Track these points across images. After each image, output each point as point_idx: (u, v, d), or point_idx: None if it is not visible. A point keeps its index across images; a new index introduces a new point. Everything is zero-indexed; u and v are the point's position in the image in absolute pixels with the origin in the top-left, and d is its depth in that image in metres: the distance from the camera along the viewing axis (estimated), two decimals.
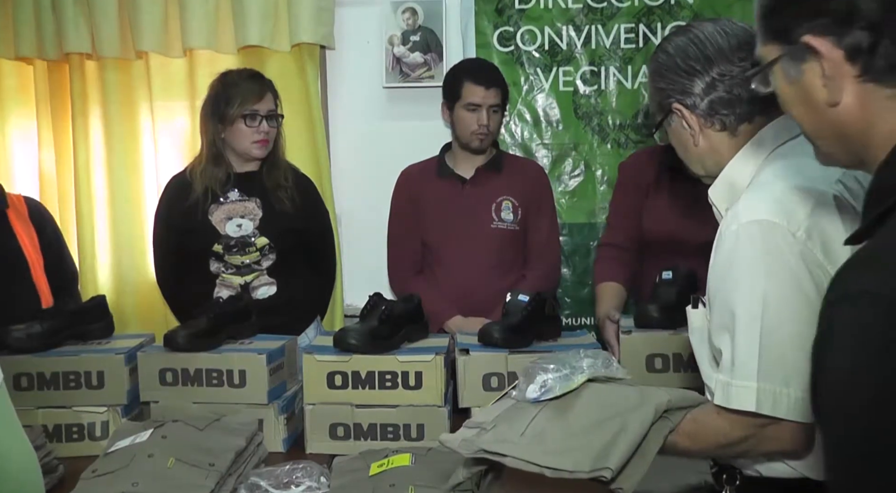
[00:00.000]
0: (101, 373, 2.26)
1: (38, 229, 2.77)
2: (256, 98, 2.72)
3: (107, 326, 2.54)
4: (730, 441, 1.45)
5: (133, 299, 3.54)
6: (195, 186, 2.77)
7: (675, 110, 1.55)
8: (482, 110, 2.86)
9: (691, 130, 1.55)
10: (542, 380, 1.50)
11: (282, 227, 2.77)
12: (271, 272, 2.79)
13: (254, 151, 2.74)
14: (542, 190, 3.01)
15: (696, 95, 1.52)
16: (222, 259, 2.77)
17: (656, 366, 2.22)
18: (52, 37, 3.42)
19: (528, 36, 3.47)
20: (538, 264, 2.92)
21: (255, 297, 2.77)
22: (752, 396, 1.39)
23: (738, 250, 1.40)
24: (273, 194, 2.77)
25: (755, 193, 1.45)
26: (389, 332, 2.33)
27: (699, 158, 1.58)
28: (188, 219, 2.78)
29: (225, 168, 2.77)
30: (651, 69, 1.60)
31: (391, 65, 3.46)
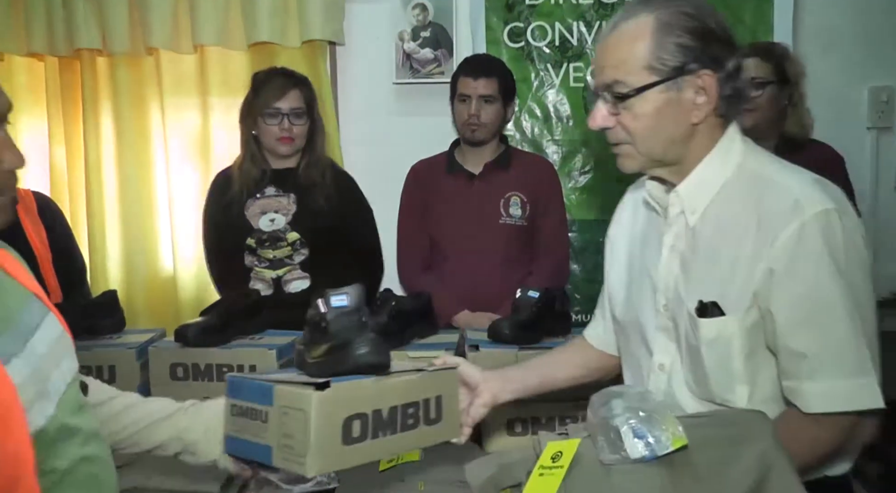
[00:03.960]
0: (112, 367, 2.27)
1: (47, 225, 2.78)
2: (278, 96, 2.74)
3: (118, 321, 2.55)
4: (828, 449, 1.42)
5: (143, 295, 3.55)
6: (235, 181, 2.82)
7: (700, 77, 1.42)
8: (472, 100, 2.88)
9: (700, 106, 1.44)
10: (641, 432, 1.28)
11: (314, 223, 2.79)
12: (305, 267, 2.81)
13: (279, 148, 2.77)
14: (550, 186, 3.01)
15: (727, 71, 1.44)
16: (255, 253, 2.80)
17: None
18: (63, 33, 3.42)
19: (538, 32, 3.46)
20: (546, 259, 2.92)
21: (287, 291, 2.80)
22: (866, 392, 1.37)
23: (812, 244, 1.36)
24: (308, 191, 2.78)
25: (796, 183, 1.42)
26: (399, 328, 2.34)
27: (672, 139, 1.46)
28: (226, 213, 2.84)
29: (261, 165, 2.81)
30: (673, 22, 1.41)
31: (401, 61, 3.46)
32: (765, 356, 1.45)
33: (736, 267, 1.43)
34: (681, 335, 1.52)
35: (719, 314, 1.44)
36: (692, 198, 1.50)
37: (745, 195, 1.46)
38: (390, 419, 1.45)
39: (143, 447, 1.56)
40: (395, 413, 1.45)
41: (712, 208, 1.49)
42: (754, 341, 1.44)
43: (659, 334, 1.57)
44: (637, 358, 1.65)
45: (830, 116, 3.10)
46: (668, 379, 1.56)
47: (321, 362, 1.42)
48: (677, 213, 1.53)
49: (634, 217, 1.71)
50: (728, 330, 1.43)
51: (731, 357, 1.44)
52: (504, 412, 2.15)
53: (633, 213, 1.71)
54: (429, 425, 1.52)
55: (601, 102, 1.48)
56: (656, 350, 1.58)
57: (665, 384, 1.56)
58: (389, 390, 1.45)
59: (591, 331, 1.88)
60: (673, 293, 1.53)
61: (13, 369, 1.13)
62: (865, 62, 3.43)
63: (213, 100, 3.52)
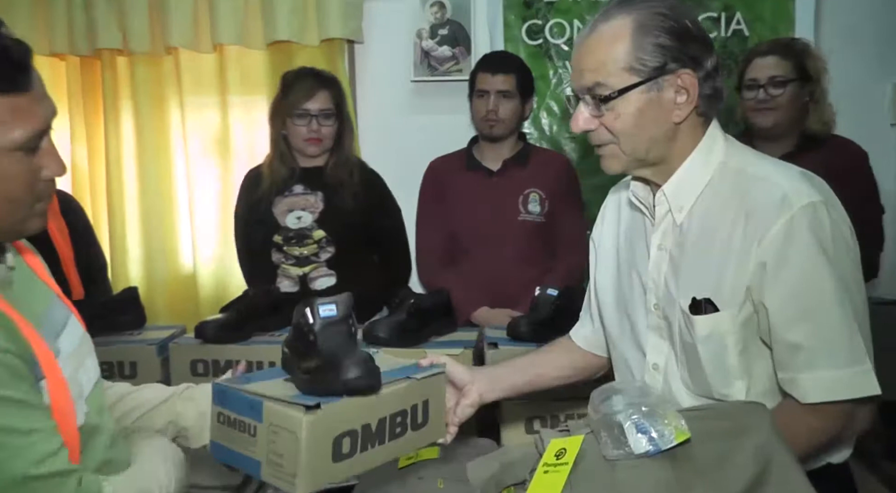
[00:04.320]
0: (133, 363, 2.29)
1: (68, 222, 2.81)
2: (307, 97, 2.75)
3: (138, 317, 2.57)
4: (826, 437, 1.43)
5: (163, 291, 3.57)
6: (264, 179, 2.84)
7: (679, 77, 1.43)
8: (489, 96, 2.89)
9: (681, 105, 1.45)
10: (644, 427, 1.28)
11: (341, 221, 2.80)
12: (331, 264, 2.82)
13: (307, 149, 2.78)
14: (569, 183, 3.00)
15: (706, 70, 1.45)
16: (282, 250, 2.82)
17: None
18: (84, 33, 3.45)
19: (556, 29, 3.45)
20: (566, 257, 2.91)
21: (313, 288, 2.81)
22: (863, 380, 1.38)
23: (801, 236, 1.37)
24: (336, 190, 2.80)
25: (782, 178, 1.43)
26: (418, 325, 2.34)
27: (656, 139, 1.47)
28: (255, 211, 2.86)
29: (289, 163, 2.82)
30: (650, 23, 1.42)
31: (419, 59, 3.46)
32: (759, 350, 1.47)
33: (727, 263, 1.44)
34: (674, 334, 1.53)
35: (713, 311, 1.45)
36: (678, 196, 1.51)
37: (730, 192, 1.47)
38: (379, 430, 1.44)
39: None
40: (383, 424, 1.45)
41: (698, 206, 1.50)
42: (748, 336, 1.45)
43: (651, 334, 1.58)
44: (628, 359, 1.66)
45: (853, 112, 3.06)
46: (663, 379, 1.56)
47: (310, 379, 1.40)
48: (664, 212, 1.53)
49: (618, 218, 1.71)
50: (723, 326, 1.44)
51: (726, 353, 1.45)
52: (523, 409, 2.15)
53: (617, 214, 1.72)
54: (416, 430, 1.52)
55: (583, 104, 1.48)
56: (649, 350, 1.59)
57: (661, 384, 1.56)
58: (379, 403, 1.44)
59: (577, 332, 1.88)
60: (664, 292, 1.54)
61: (61, 363, 1.21)
62: (889, 57, 3.40)
63: (232, 98, 3.54)
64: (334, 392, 1.38)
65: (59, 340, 1.29)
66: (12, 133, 1.14)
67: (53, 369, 1.21)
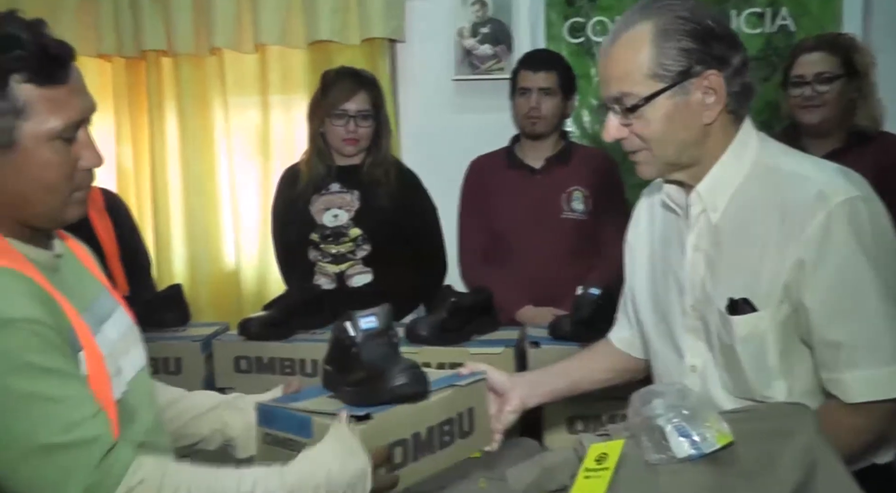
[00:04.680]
0: (178, 360, 2.32)
1: (113, 220, 2.85)
2: (346, 97, 2.76)
3: (183, 314, 2.60)
4: (871, 437, 1.42)
5: (207, 289, 3.61)
6: (301, 177, 2.86)
7: (706, 78, 1.41)
8: (531, 93, 2.88)
9: (710, 106, 1.43)
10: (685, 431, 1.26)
11: (377, 220, 2.80)
12: (367, 262, 2.82)
13: (344, 149, 2.80)
14: (612, 180, 2.98)
15: (733, 68, 1.43)
16: (319, 248, 2.83)
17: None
18: (130, 35, 3.50)
19: (598, 27, 3.43)
20: (609, 255, 2.87)
21: (350, 285, 2.82)
22: None
23: (839, 232, 1.36)
24: (372, 189, 2.81)
25: (818, 174, 1.42)
26: (459, 324, 2.34)
27: (687, 142, 1.45)
28: (292, 208, 2.88)
29: (327, 161, 2.84)
30: (671, 27, 1.40)
31: (460, 57, 3.45)
32: (800, 349, 1.45)
33: (764, 262, 1.42)
34: (712, 335, 1.51)
35: (751, 311, 1.43)
36: (713, 196, 1.49)
37: (765, 189, 1.45)
38: (429, 439, 1.45)
39: (187, 441, 1.59)
40: (432, 433, 1.45)
41: (733, 205, 1.48)
42: (788, 335, 1.43)
43: (688, 336, 1.56)
44: (665, 361, 1.64)
45: None
46: (701, 381, 1.55)
47: (356, 391, 1.41)
48: (699, 212, 1.52)
49: (652, 220, 1.70)
50: (761, 326, 1.43)
51: (766, 353, 1.44)
52: (565, 409, 2.13)
53: (650, 216, 1.71)
54: (463, 438, 1.52)
55: (612, 113, 1.48)
56: (686, 352, 1.57)
57: (700, 386, 1.54)
58: (427, 411, 1.44)
59: (615, 334, 1.86)
60: (700, 293, 1.52)
61: (99, 341, 1.27)
62: None
63: (273, 98, 3.56)
64: (382, 401, 1.38)
65: (105, 326, 1.36)
66: (49, 122, 1.22)
67: (90, 343, 1.26)
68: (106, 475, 1.15)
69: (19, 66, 1.20)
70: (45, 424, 1.14)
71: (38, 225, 1.30)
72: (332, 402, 1.44)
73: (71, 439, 1.15)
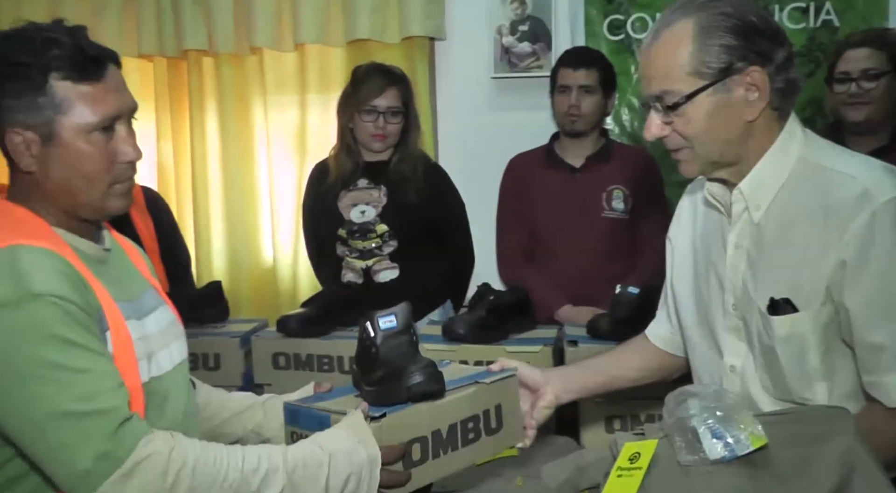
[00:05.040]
0: (217, 355, 2.34)
1: (154, 218, 2.88)
2: (376, 93, 2.76)
3: (222, 310, 2.63)
4: None
5: (246, 285, 3.64)
6: (330, 172, 2.88)
7: (748, 75, 1.39)
8: (571, 91, 2.87)
9: (752, 103, 1.41)
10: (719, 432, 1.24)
11: (403, 216, 2.81)
12: (393, 258, 2.83)
13: (372, 144, 2.80)
14: (652, 179, 2.96)
15: (776, 64, 1.40)
16: (346, 244, 2.84)
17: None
18: (172, 35, 3.55)
19: (638, 23, 3.40)
20: (648, 254, 2.85)
21: (376, 280, 2.83)
22: None
23: (884, 232, 1.33)
24: (399, 185, 2.82)
25: (863, 172, 1.39)
26: (497, 322, 2.33)
27: (729, 140, 1.43)
28: (321, 203, 2.90)
29: (355, 157, 2.85)
30: (713, 24, 1.38)
31: (499, 55, 3.45)
32: (841, 351, 1.42)
33: (806, 261, 1.40)
34: (752, 335, 1.49)
35: (792, 311, 1.41)
36: (756, 194, 1.47)
37: (809, 188, 1.43)
38: (450, 436, 1.45)
39: (224, 441, 1.60)
40: (454, 430, 1.46)
41: (776, 203, 1.46)
42: (830, 337, 1.41)
43: (728, 335, 1.55)
44: (705, 361, 1.62)
45: None
46: (741, 381, 1.53)
47: (375, 390, 1.42)
48: (741, 210, 1.50)
49: (694, 217, 1.68)
50: (802, 327, 1.41)
51: (807, 354, 1.42)
52: (602, 408, 2.12)
53: (693, 213, 1.69)
54: (490, 435, 1.52)
55: (653, 112, 1.46)
56: (726, 352, 1.55)
57: (739, 386, 1.52)
58: (447, 409, 1.45)
59: (654, 331, 1.84)
60: (741, 292, 1.50)
61: (129, 326, 1.35)
62: None
63: (311, 97, 3.58)
64: (400, 400, 1.40)
65: (146, 319, 1.44)
66: (85, 116, 1.32)
67: (119, 324, 1.33)
68: (118, 445, 1.20)
69: (57, 65, 1.31)
70: (65, 392, 1.20)
71: (83, 215, 1.39)
72: (356, 401, 1.46)
73: (89, 408, 1.20)
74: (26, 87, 1.30)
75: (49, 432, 1.19)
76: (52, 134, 1.32)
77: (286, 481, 1.28)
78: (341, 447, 1.32)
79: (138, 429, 1.23)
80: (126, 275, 1.48)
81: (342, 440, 1.33)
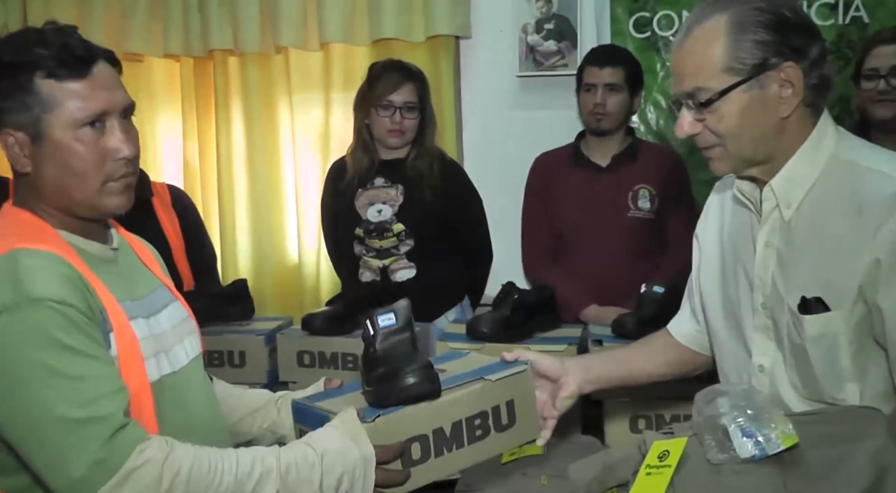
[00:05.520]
0: (242, 353, 2.35)
1: (180, 216, 2.90)
2: (391, 89, 2.77)
3: (247, 308, 2.64)
4: None
5: (271, 283, 3.66)
6: (348, 169, 2.88)
7: (783, 70, 1.37)
8: (597, 89, 2.85)
9: (786, 99, 1.39)
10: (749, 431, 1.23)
11: (420, 214, 2.81)
12: (410, 257, 2.83)
13: (389, 140, 2.80)
14: (679, 178, 2.94)
15: (810, 60, 1.38)
16: (363, 243, 2.85)
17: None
18: (198, 35, 3.57)
19: (664, 21, 3.37)
20: (674, 253, 2.84)
21: (393, 280, 2.83)
22: None
23: None
24: (415, 183, 2.82)
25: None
26: (522, 321, 2.33)
27: (762, 137, 1.41)
28: (339, 202, 2.91)
29: (371, 155, 2.85)
30: (747, 19, 1.37)
31: (524, 53, 3.44)
32: (874, 351, 1.40)
33: (837, 260, 1.38)
34: (782, 334, 1.47)
35: (824, 310, 1.39)
36: (787, 192, 1.45)
37: (841, 186, 1.40)
38: (455, 434, 1.43)
39: (240, 439, 1.63)
40: (459, 428, 1.44)
41: (808, 201, 1.44)
42: (862, 336, 1.39)
43: (757, 334, 1.53)
44: (734, 359, 1.61)
45: None
46: (769, 381, 1.51)
47: (374, 391, 1.41)
48: (771, 208, 1.48)
49: (722, 215, 1.66)
50: (834, 326, 1.39)
51: (838, 354, 1.39)
52: (627, 408, 2.10)
53: (721, 211, 1.67)
54: (501, 431, 1.50)
55: (685, 109, 1.45)
56: (755, 351, 1.53)
57: (768, 386, 1.51)
58: (448, 407, 1.43)
59: (677, 327, 1.83)
60: (771, 291, 1.48)
61: (135, 325, 1.36)
62: None
63: (335, 95, 3.59)
64: (394, 401, 1.39)
65: (157, 316, 1.45)
66: (71, 112, 1.32)
67: (122, 325, 1.33)
68: (113, 452, 1.20)
69: (42, 64, 1.31)
70: (63, 397, 1.20)
71: (81, 215, 1.39)
72: (359, 400, 1.45)
73: (84, 414, 1.20)
74: (13, 87, 1.31)
75: (45, 438, 1.20)
76: (40, 133, 1.32)
77: (280, 484, 1.28)
78: (332, 447, 1.31)
79: (134, 436, 1.23)
80: (135, 274, 1.49)
81: (334, 440, 1.33)
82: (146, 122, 3.73)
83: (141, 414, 1.30)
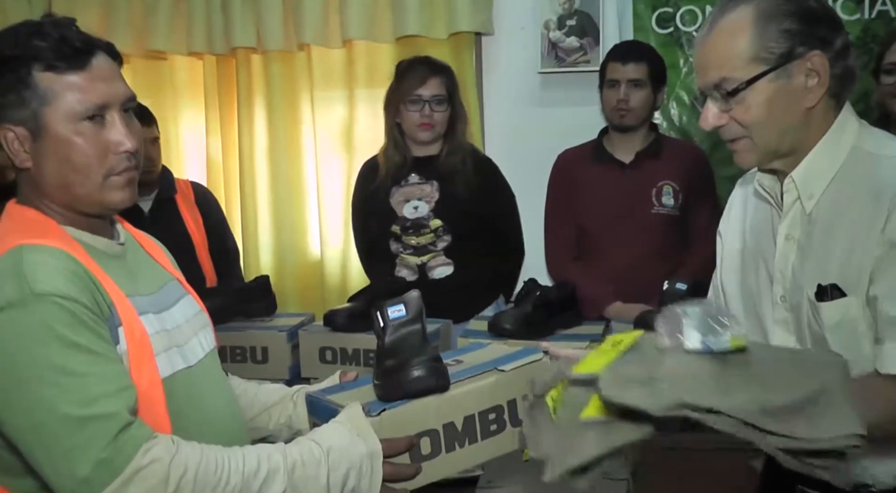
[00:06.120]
0: (265, 349, 2.36)
1: (203, 213, 2.93)
2: (419, 83, 2.77)
3: (270, 304, 2.65)
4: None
5: (293, 279, 3.67)
6: (380, 168, 2.88)
7: (809, 60, 1.36)
8: (620, 85, 2.84)
9: (812, 89, 1.38)
10: (702, 327, 1.23)
11: (456, 210, 2.81)
12: (448, 253, 2.84)
13: (419, 134, 2.80)
14: (702, 174, 2.92)
15: (835, 50, 1.38)
16: (400, 240, 2.85)
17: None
18: (221, 33, 3.58)
19: (687, 16, 3.35)
20: (698, 250, 2.82)
21: (431, 277, 2.84)
22: None
23: None
24: (449, 178, 2.82)
25: None
26: (543, 318, 2.32)
27: (788, 128, 1.40)
28: (372, 201, 2.91)
29: (403, 152, 2.85)
30: (773, 9, 1.37)
31: (546, 50, 3.43)
32: None
33: (854, 246, 1.37)
34: (802, 326, 1.46)
35: (840, 296, 1.37)
36: (808, 183, 1.44)
37: (862, 176, 1.39)
38: (467, 429, 1.41)
39: (256, 435, 1.60)
40: (472, 422, 1.41)
41: (829, 193, 1.43)
42: None
43: (777, 328, 1.51)
44: None
45: None
46: None
47: (382, 384, 1.40)
48: (793, 200, 1.46)
49: (744, 210, 1.65)
50: (852, 312, 1.37)
51: (859, 341, 1.38)
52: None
53: (743, 205, 1.66)
54: (519, 426, 1.45)
55: (710, 101, 1.44)
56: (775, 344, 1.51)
57: None
58: (459, 401, 1.41)
59: None
60: (791, 283, 1.47)
61: (145, 321, 1.33)
62: None
63: (358, 92, 3.60)
64: (401, 394, 1.37)
65: (169, 311, 1.43)
66: (69, 105, 1.30)
67: (132, 320, 1.31)
68: (118, 452, 1.17)
69: (40, 56, 1.29)
70: (66, 395, 1.18)
71: (84, 210, 1.37)
72: (370, 393, 1.43)
73: (88, 413, 1.17)
74: (11, 81, 1.29)
75: (48, 436, 1.17)
76: (40, 127, 1.30)
77: (287, 481, 1.26)
78: (338, 443, 1.30)
79: (139, 435, 1.20)
80: (144, 268, 1.47)
81: (339, 435, 1.31)
82: (170, 119, 3.75)
83: (152, 411, 1.28)
